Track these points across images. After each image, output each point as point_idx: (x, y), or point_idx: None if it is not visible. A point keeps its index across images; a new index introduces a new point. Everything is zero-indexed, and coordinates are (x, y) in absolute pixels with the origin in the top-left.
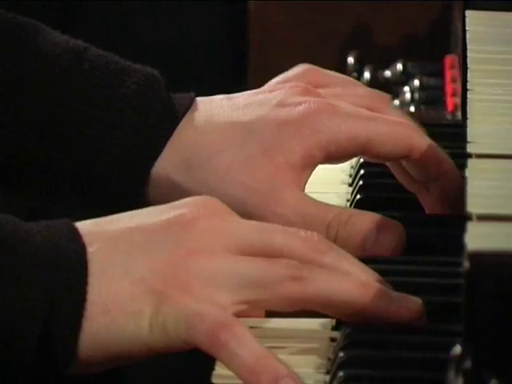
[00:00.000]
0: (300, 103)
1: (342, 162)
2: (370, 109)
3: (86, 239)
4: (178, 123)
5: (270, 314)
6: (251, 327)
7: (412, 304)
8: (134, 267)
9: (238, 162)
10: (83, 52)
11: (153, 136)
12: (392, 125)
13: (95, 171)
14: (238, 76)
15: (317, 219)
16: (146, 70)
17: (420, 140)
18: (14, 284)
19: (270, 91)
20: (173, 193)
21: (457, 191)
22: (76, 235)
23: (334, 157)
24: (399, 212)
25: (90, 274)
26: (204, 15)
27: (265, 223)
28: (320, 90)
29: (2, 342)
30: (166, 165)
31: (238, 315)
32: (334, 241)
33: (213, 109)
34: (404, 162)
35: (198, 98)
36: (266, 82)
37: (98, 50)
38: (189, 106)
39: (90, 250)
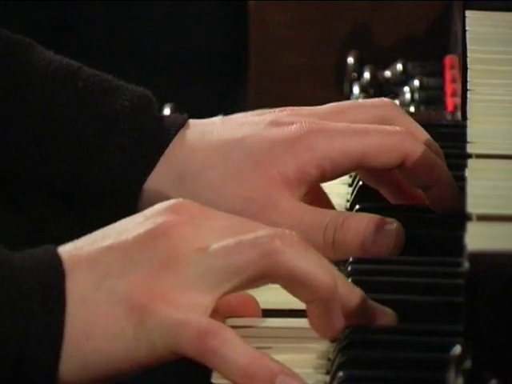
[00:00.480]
0: (292, 123)
1: (339, 177)
2: (384, 118)
3: (66, 266)
4: (170, 140)
5: (270, 313)
6: (250, 327)
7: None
8: (113, 289)
9: (230, 175)
10: (77, 70)
11: (145, 152)
12: (386, 136)
13: (87, 187)
14: (238, 76)
15: (313, 224)
16: (139, 90)
17: (414, 148)
18: None
19: (262, 114)
20: None
21: (451, 197)
22: (57, 264)
23: (329, 174)
24: (398, 212)
25: (69, 303)
26: (204, 15)
27: (243, 221)
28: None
29: None
30: (158, 180)
31: (223, 308)
32: (332, 244)
33: (205, 127)
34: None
35: (191, 120)
36: (266, 81)
37: (91, 70)
38: (182, 124)
39: (69, 277)
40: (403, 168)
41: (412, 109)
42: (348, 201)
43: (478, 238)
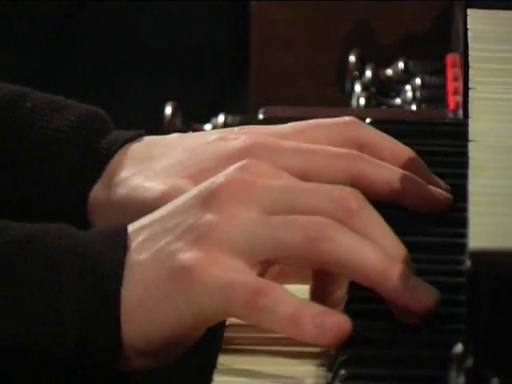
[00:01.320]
0: (238, 138)
1: None
2: (346, 137)
3: (129, 240)
4: (115, 151)
5: None
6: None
7: (425, 299)
8: (163, 252)
9: (151, 176)
10: (28, 93)
11: (89, 164)
12: (328, 157)
13: (33, 199)
14: (239, 74)
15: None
16: (90, 107)
17: (363, 169)
18: (48, 288)
19: (219, 131)
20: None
21: (429, 203)
22: (122, 240)
23: None
24: (398, 210)
25: (125, 273)
26: (206, 14)
27: (297, 181)
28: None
29: (42, 345)
30: (100, 191)
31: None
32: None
33: (155, 141)
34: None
35: (147, 136)
36: (268, 80)
37: (43, 94)
38: (131, 138)
39: (130, 249)
40: (358, 187)
41: (413, 107)
42: None
43: (479, 237)
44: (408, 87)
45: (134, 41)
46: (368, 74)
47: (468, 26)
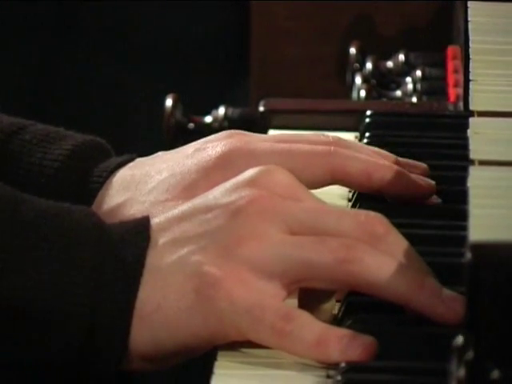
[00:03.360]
0: (217, 146)
1: None
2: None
3: (152, 232)
4: (108, 176)
5: None
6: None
7: (460, 306)
8: (186, 260)
9: (136, 199)
10: (28, 126)
11: (82, 193)
12: (306, 156)
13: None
14: (240, 67)
15: None
16: (87, 137)
17: (341, 163)
18: (61, 271)
19: (201, 142)
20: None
21: (411, 192)
22: (144, 229)
23: None
24: (401, 211)
25: (145, 273)
26: (206, 6)
27: (322, 204)
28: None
29: (55, 312)
30: (102, 203)
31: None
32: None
33: (143, 162)
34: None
35: (138, 159)
36: (268, 72)
37: (44, 126)
38: (124, 162)
39: (151, 245)
40: (340, 183)
41: (414, 99)
42: (350, 200)
43: (479, 229)
44: (408, 79)
45: (134, 32)
46: (368, 66)
47: (468, 19)
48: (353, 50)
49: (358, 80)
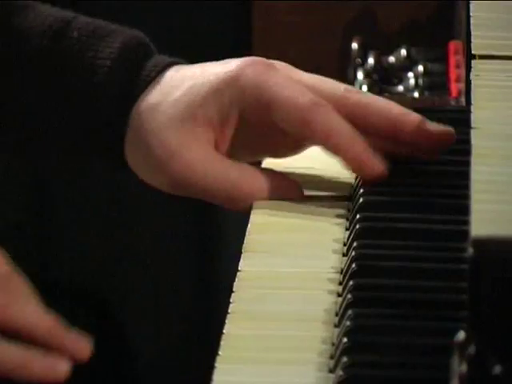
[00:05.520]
0: (240, 60)
1: (260, 129)
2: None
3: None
4: (151, 81)
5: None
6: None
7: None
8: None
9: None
10: (72, 21)
11: (129, 89)
12: (294, 94)
13: (84, 119)
14: None
15: (217, 178)
16: (132, 32)
17: (358, 100)
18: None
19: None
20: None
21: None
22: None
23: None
24: (400, 198)
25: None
26: (207, 2)
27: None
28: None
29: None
30: (139, 112)
31: None
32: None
33: (185, 69)
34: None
35: (178, 65)
36: None
37: (85, 18)
38: (170, 63)
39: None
40: (357, 119)
41: (416, 94)
42: (355, 189)
43: (481, 224)
44: (410, 74)
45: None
46: (370, 61)
47: (470, 14)
48: (355, 46)
49: (360, 75)
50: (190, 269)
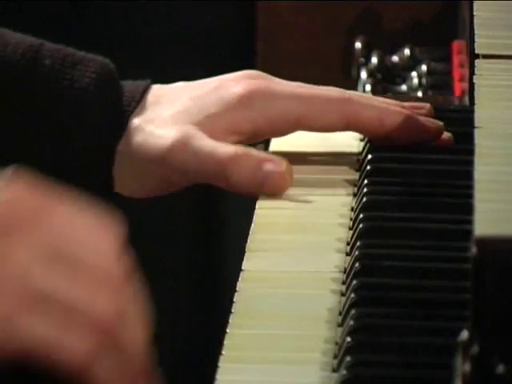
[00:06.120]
0: (237, 84)
1: (280, 136)
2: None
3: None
4: (137, 104)
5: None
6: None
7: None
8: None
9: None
10: (41, 48)
11: (115, 118)
12: (323, 102)
13: (66, 156)
14: (245, 61)
15: (209, 157)
16: (100, 59)
17: (355, 110)
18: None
19: (221, 78)
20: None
21: (416, 134)
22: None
23: (266, 131)
24: (404, 197)
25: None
26: (211, 2)
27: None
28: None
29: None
30: (127, 142)
31: None
32: (224, 176)
33: (162, 88)
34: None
35: (154, 85)
36: (273, 66)
37: (52, 44)
38: (146, 88)
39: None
40: (354, 129)
41: (419, 94)
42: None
43: (485, 223)
44: (414, 74)
45: (136, 27)
46: (374, 60)
47: (474, 13)
48: (358, 45)
49: (364, 74)
50: (192, 268)
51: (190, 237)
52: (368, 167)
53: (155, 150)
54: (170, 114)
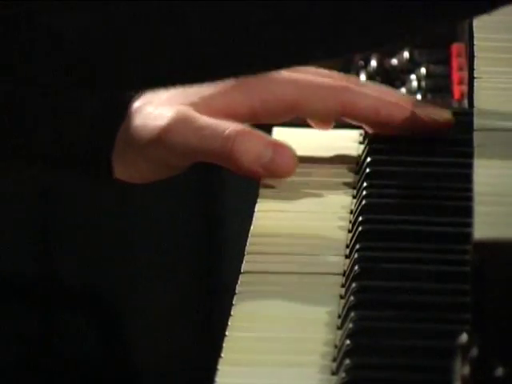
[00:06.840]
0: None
1: (276, 121)
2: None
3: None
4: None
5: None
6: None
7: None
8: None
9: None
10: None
11: (117, 105)
12: (320, 88)
13: (60, 146)
14: None
15: (213, 131)
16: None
17: (351, 98)
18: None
19: None
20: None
21: (414, 122)
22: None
23: (262, 115)
24: (403, 200)
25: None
26: None
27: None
28: None
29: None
30: (126, 126)
31: None
32: (231, 151)
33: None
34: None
35: None
36: None
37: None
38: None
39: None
40: (347, 116)
41: (419, 96)
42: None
43: (484, 227)
44: (413, 77)
45: None
46: (373, 63)
47: None
48: None
49: (363, 77)
50: (192, 271)
51: (189, 238)
52: (367, 170)
53: (153, 132)
54: (167, 96)
